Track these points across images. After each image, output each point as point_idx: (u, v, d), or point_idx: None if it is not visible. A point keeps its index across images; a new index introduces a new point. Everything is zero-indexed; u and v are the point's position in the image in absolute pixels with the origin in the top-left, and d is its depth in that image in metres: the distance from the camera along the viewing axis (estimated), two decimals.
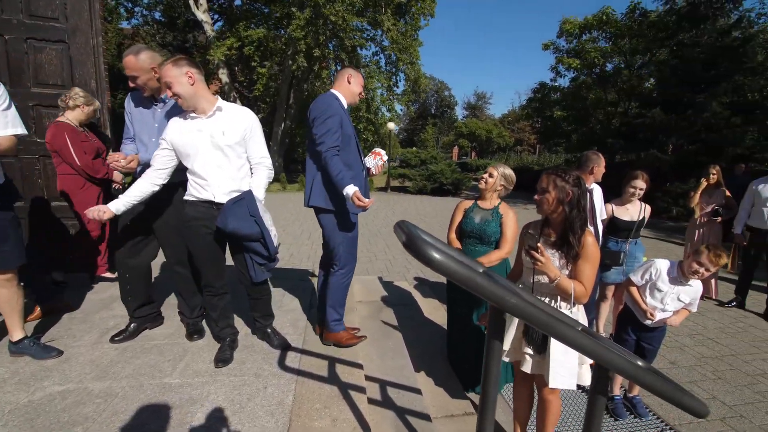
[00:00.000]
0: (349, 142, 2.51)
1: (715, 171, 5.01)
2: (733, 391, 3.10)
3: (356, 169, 2.54)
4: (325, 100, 2.48)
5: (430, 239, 0.94)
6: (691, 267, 2.37)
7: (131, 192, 2.21)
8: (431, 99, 54.97)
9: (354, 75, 2.61)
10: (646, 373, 0.97)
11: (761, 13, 15.64)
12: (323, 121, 2.38)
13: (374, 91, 18.26)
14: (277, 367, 2.37)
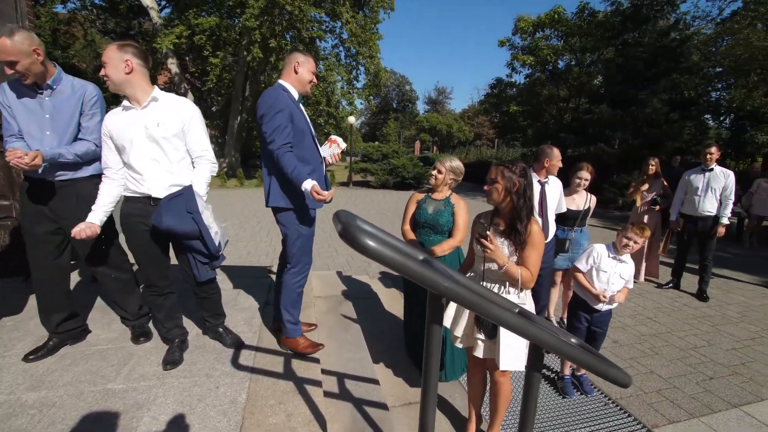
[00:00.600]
0: (303, 137, 2.39)
1: (653, 163, 5.37)
2: (668, 365, 3.35)
3: (313, 163, 2.44)
4: (271, 94, 2.33)
5: (368, 227, 0.95)
6: (621, 242, 2.62)
7: (104, 200, 2.15)
8: (393, 93, 55.17)
9: (303, 62, 2.41)
10: (575, 350, 1.03)
11: (696, 16, 16.89)
12: (271, 118, 2.25)
13: (334, 84, 18.03)
14: (230, 366, 2.31)
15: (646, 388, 3.01)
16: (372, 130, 55.48)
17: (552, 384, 3.03)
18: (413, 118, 53.58)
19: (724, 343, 3.80)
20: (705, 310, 4.62)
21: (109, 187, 2.17)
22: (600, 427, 2.57)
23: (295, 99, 2.41)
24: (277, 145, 2.24)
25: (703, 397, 2.92)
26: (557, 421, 2.61)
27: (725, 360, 3.46)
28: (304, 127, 2.39)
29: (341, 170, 25.95)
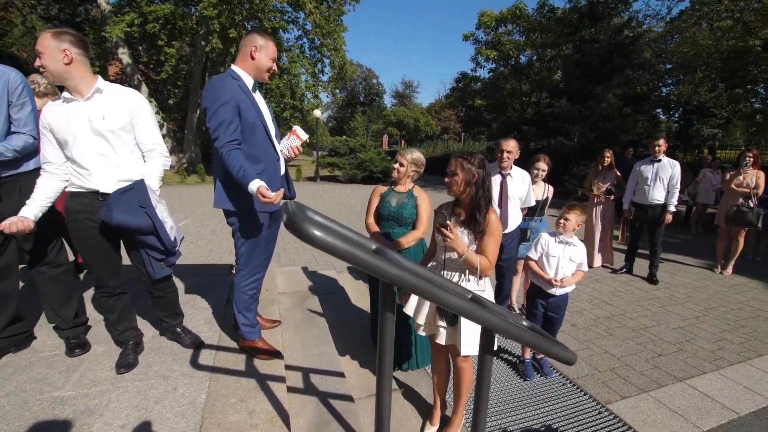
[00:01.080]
0: (254, 132, 2.17)
1: (608, 155, 5.63)
2: (620, 345, 3.54)
3: (266, 160, 2.23)
4: (215, 84, 2.10)
5: (317, 218, 0.94)
6: (559, 223, 2.79)
7: (41, 194, 2.01)
8: (359, 87, 54.81)
9: (262, 46, 2.18)
10: (523, 331, 1.07)
11: (647, 15, 17.75)
12: (215, 112, 2.05)
13: (298, 77, 17.68)
14: (189, 366, 2.24)
15: (600, 368, 3.17)
16: (339, 124, 54.98)
17: (514, 368, 3.13)
18: (380, 112, 53.49)
19: (672, 322, 4.05)
20: (655, 293, 4.91)
21: (48, 182, 2.03)
22: (559, 406, 2.69)
23: (249, 88, 2.20)
24: (221, 142, 2.05)
25: (652, 373, 3.10)
26: (519, 402, 2.71)
27: (672, 338, 3.70)
28: (255, 121, 2.18)
29: (308, 165, 25.61)
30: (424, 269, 1.12)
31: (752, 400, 2.79)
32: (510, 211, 3.39)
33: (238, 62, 2.23)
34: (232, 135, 2.06)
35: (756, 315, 4.28)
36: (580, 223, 2.75)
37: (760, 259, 6.59)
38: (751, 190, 5.39)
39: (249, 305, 2.36)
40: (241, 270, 2.32)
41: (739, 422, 2.57)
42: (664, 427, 2.50)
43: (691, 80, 17.00)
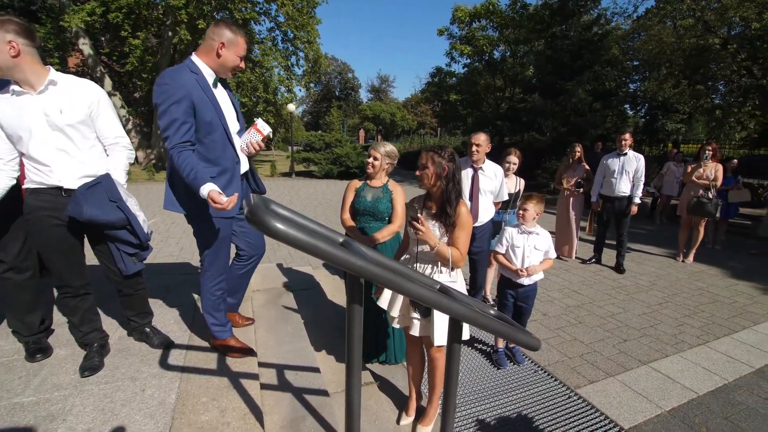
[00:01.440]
0: (211, 131, 2.01)
1: (578, 149, 5.79)
2: (589, 332, 3.67)
3: (224, 162, 2.08)
4: (167, 78, 1.91)
5: (282, 211, 0.92)
6: (518, 214, 2.90)
7: None
8: (335, 81, 54.32)
9: (230, 42, 2.00)
10: (489, 319, 1.09)
11: (614, 12, 18.26)
12: (166, 110, 1.89)
13: (271, 70, 17.33)
14: (158, 367, 2.18)
15: (570, 354, 3.28)
16: (315, 118, 54.39)
17: (488, 357, 3.20)
18: (356, 107, 53.22)
19: (637, 309, 4.22)
20: (621, 281, 5.10)
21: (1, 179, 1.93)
22: (530, 392, 2.76)
23: (208, 83, 2.04)
24: (171, 143, 1.91)
25: (618, 357, 3.23)
26: (493, 390, 2.77)
27: (637, 324, 3.85)
28: (213, 120, 2.02)
29: (283, 160, 25.25)
30: (391, 261, 1.12)
31: (710, 380, 2.95)
32: (481, 205, 3.44)
33: (201, 54, 2.05)
34: (184, 136, 1.93)
35: (714, 300, 4.51)
36: (539, 212, 2.83)
37: (719, 248, 6.93)
38: (710, 182, 5.66)
39: (217, 305, 2.30)
40: (207, 271, 2.24)
41: (698, 401, 2.71)
42: (629, 408, 2.61)
43: (656, 77, 17.62)
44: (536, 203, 2.81)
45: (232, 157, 2.15)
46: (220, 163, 2.08)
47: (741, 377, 3.00)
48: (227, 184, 2.09)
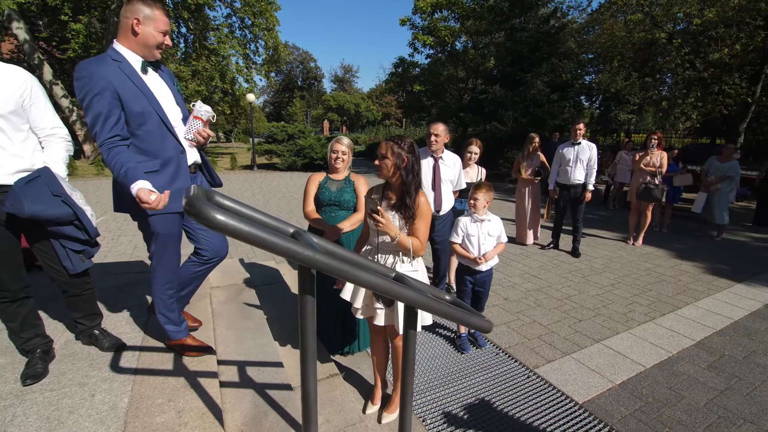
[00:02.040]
0: (144, 122, 1.88)
1: (537, 140, 5.96)
2: (547, 314, 3.82)
3: (164, 154, 1.95)
4: (84, 71, 1.77)
5: (226, 202, 0.88)
6: (470, 203, 2.96)
7: None
8: (296, 70, 53.13)
9: (147, 18, 1.83)
10: (442, 305, 1.11)
11: (570, 6, 18.84)
12: (88, 104, 1.77)
13: (228, 59, 16.67)
14: (109, 370, 2.07)
15: (529, 336, 3.40)
16: (277, 109, 53.06)
17: (452, 342, 3.26)
18: (320, 97, 52.39)
19: (591, 290, 4.44)
20: (577, 265, 5.34)
21: None
22: (492, 374, 2.85)
23: (135, 69, 1.89)
24: (100, 139, 1.79)
25: (573, 337, 3.39)
26: (457, 374, 2.84)
27: (591, 304, 4.06)
28: (145, 109, 1.87)
29: (244, 152, 24.50)
30: (343, 251, 1.11)
31: (656, 353, 3.15)
32: (443, 194, 3.48)
33: (120, 39, 1.89)
34: (112, 130, 1.80)
35: (661, 280, 4.82)
36: (489, 200, 2.92)
37: (665, 231, 7.40)
38: (656, 169, 6.00)
39: (169, 305, 2.19)
40: (155, 270, 2.13)
41: (645, 374, 2.89)
42: (584, 384, 2.75)
43: (609, 69, 18.40)
44: (486, 192, 2.90)
45: (175, 146, 2.01)
46: (160, 155, 1.95)
47: (683, 350, 3.22)
48: (173, 177, 1.96)
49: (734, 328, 3.61)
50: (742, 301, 4.21)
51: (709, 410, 2.51)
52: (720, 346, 3.29)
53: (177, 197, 1.95)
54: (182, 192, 1.96)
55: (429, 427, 2.31)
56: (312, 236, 1.00)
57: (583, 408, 2.51)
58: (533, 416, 2.43)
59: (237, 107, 18.45)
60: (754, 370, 2.96)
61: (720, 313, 3.92)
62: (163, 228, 2.02)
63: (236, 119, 21.15)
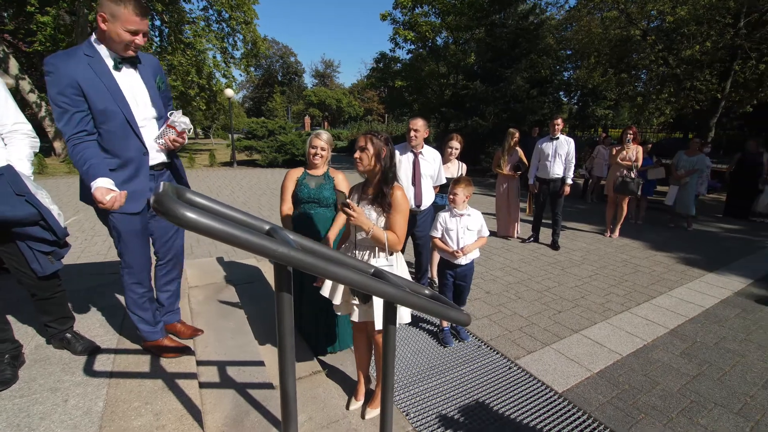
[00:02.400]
0: (107, 120, 1.83)
1: (516, 136, 6.03)
2: (527, 306, 3.88)
3: (125, 155, 1.90)
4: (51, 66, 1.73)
5: (197, 199, 0.86)
6: (449, 197, 2.99)
7: None
8: (276, 65, 52.37)
9: (112, 15, 1.73)
10: (421, 299, 1.11)
11: (548, 2, 19.07)
12: (53, 100, 1.75)
13: (204, 53, 16.25)
14: (83, 374, 2.01)
15: (510, 328, 3.45)
16: (256, 104, 52.22)
17: (434, 336, 3.29)
18: (301, 92, 51.78)
19: (570, 282, 4.53)
20: (557, 257, 5.44)
21: None
22: (474, 366, 2.88)
23: (107, 65, 1.84)
24: (66, 134, 1.78)
25: (553, 328, 3.46)
26: (440, 368, 2.86)
27: (570, 296, 4.14)
28: (109, 108, 1.82)
29: (223, 149, 24.04)
30: (320, 247, 1.09)
31: (632, 342, 3.24)
32: (424, 189, 3.49)
33: (96, 32, 1.83)
34: (77, 126, 1.78)
35: (636, 271, 4.95)
36: (468, 195, 2.95)
37: (641, 223, 7.61)
38: (632, 163, 6.15)
39: (141, 304, 2.14)
40: (123, 267, 2.09)
41: (622, 362, 2.97)
42: (563, 373, 2.81)
43: (586, 65, 18.74)
44: (465, 187, 2.93)
45: (137, 148, 1.94)
46: (120, 155, 1.90)
47: (658, 337, 3.33)
48: (130, 177, 1.91)
49: (705, 316, 3.74)
50: (713, 290, 4.37)
51: (682, 395, 2.60)
52: (692, 334, 3.41)
53: (134, 198, 1.93)
54: (139, 193, 1.95)
55: (412, 421, 2.33)
56: (288, 233, 0.98)
57: (562, 397, 2.57)
58: (515, 406, 2.47)
59: (215, 103, 18.03)
60: (724, 355, 3.08)
61: (692, 301, 4.05)
62: (123, 226, 1.98)
63: (214, 115, 20.70)
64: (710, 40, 11.75)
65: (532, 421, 2.35)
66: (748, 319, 3.70)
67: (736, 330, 3.48)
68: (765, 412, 2.45)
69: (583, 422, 2.35)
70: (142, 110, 1.97)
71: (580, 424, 2.33)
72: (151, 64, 2.07)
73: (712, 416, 2.41)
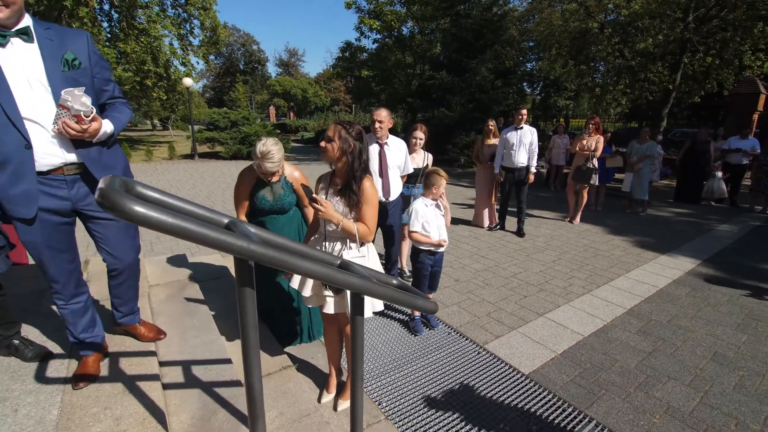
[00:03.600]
0: None
1: (492, 124, 6.11)
2: (495, 292, 3.98)
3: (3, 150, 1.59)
4: None
5: (148, 192, 0.81)
6: (432, 192, 3.03)
7: None
8: (238, 53, 50.62)
9: None
10: (388, 290, 1.10)
11: None
12: None
13: (160, 40, 15.41)
14: (34, 382, 1.89)
15: (478, 314, 3.53)
16: (218, 94, 50.37)
17: (406, 326, 3.31)
18: (264, 82, 50.37)
19: (535, 267, 4.68)
20: (522, 244, 5.60)
21: None
22: (445, 353, 2.93)
23: None
24: None
25: (519, 312, 3.56)
26: (411, 356, 2.89)
27: (535, 281, 4.28)
28: None
29: (183, 141, 23.09)
30: (282, 239, 1.06)
31: (593, 323, 3.40)
32: (391, 180, 3.48)
33: None
34: None
35: (596, 255, 5.18)
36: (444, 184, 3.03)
37: (600, 209, 7.95)
38: (591, 152, 6.39)
39: (68, 317, 1.92)
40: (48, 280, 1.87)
41: (583, 342, 3.11)
42: (529, 356, 2.91)
43: (548, 57, 19.24)
44: (445, 177, 3.00)
45: (17, 141, 1.60)
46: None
47: (616, 317, 3.50)
48: (14, 178, 1.62)
49: (659, 296, 3.97)
50: (666, 271, 4.64)
51: (639, 371, 2.75)
52: (647, 312, 3.61)
53: (23, 203, 1.66)
54: (28, 196, 1.65)
55: (385, 410, 2.34)
56: (250, 226, 0.94)
57: (529, 378, 2.66)
58: (484, 389, 2.53)
59: (174, 92, 17.21)
60: (676, 332, 3.28)
61: (647, 282, 4.29)
62: (23, 234, 1.73)
63: (173, 105, 19.75)
64: (662, 33, 12.32)
65: (501, 403, 2.42)
66: (697, 297, 3.96)
67: (686, 307, 3.72)
68: (713, 382, 2.64)
69: (549, 401, 2.45)
70: (27, 96, 1.61)
71: (546, 403, 2.43)
72: (63, 37, 1.72)
73: (666, 389, 2.56)
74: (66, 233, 1.84)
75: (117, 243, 1.99)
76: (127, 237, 2.03)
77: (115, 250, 1.99)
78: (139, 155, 16.06)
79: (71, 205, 1.80)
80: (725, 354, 2.97)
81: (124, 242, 2.02)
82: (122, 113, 1.95)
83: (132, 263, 2.10)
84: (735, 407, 2.41)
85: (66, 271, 1.86)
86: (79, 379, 1.87)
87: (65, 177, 1.76)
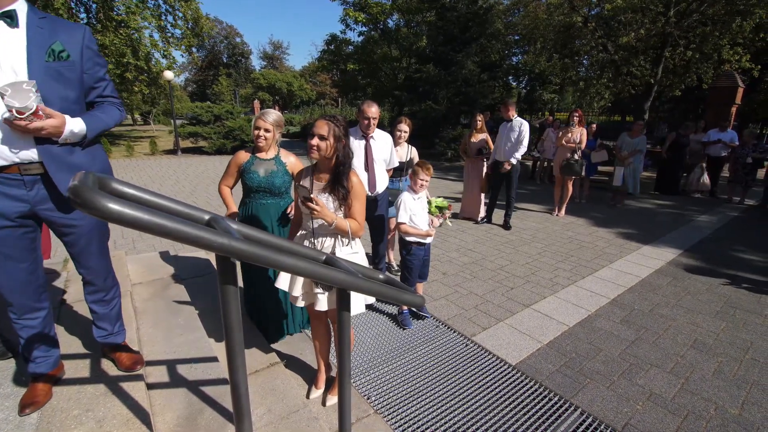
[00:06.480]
0: None
1: (480, 119, 6.11)
2: (482, 285, 4.01)
3: None
4: None
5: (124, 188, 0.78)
6: (418, 183, 3.01)
7: None
8: (221, 46, 49.68)
9: None
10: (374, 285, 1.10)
11: None
12: None
13: (140, 32, 14.97)
14: (12, 385, 1.83)
15: (466, 307, 3.56)
16: (201, 88, 49.40)
17: (394, 320, 3.32)
18: (248, 75, 49.59)
19: (521, 260, 4.73)
20: (509, 237, 5.65)
21: None
22: (433, 346, 2.95)
23: None
24: None
25: (506, 304, 3.60)
26: (400, 349, 2.89)
27: (521, 273, 4.33)
28: None
29: (166, 136, 22.62)
30: (266, 235, 1.04)
31: (577, 313, 3.45)
32: (377, 174, 3.45)
33: None
34: None
35: (581, 246, 5.26)
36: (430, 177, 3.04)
37: (585, 202, 8.07)
38: (575, 145, 6.46)
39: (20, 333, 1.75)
40: None
41: (569, 332, 3.15)
42: (516, 347, 2.94)
43: (533, 50, 19.34)
44: (431, 171, 3.01)
45: None
46: None
47: (600, 307, 3.56)
48: None
49: (642, 285, 4.06)
50: (648, 261, 4.74)
51: (622, 359, 2.80)
52: (630, 302, 3.68)
53: None
54: None
55: (373, 404, 2.35)
56: (232, 222, 0.92)
57: (515, 369, 2.69)
58: (472, 381, 2.56)
59: (155, 86, 16.79)
60: (658, 320, 3.35)
61: (630, 272, 4.37)
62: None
63: (154, 99, 19.28)
64: (644, 27, 12.49)
65: (489, 394, 2.44)
66: (678, 286, 4.05)
67: (668, 297, 3.80)
68: (693, 369, 2.71)
69: (535, 391, 2.48)
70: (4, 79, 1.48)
71: (532, 393, 2.46)
72: (55, 28, 1.63)
73: (649, 376, 2.62)
74: (22, 239, 1.64)
75: (87, 252, 1.82)
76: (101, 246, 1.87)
77: (87, 260, 1.83)
78: (119, 151, 15.66)
79: (29, 208, 1.61)
80: (705, 341, 3.05)
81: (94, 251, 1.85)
82: (106, 113, 1.81)
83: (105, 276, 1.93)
84: (714, 392, 2.48)
85: (20, 282, 1.66)
86: (26, 406, 1.69)
87: (22, 177, 1.58)
